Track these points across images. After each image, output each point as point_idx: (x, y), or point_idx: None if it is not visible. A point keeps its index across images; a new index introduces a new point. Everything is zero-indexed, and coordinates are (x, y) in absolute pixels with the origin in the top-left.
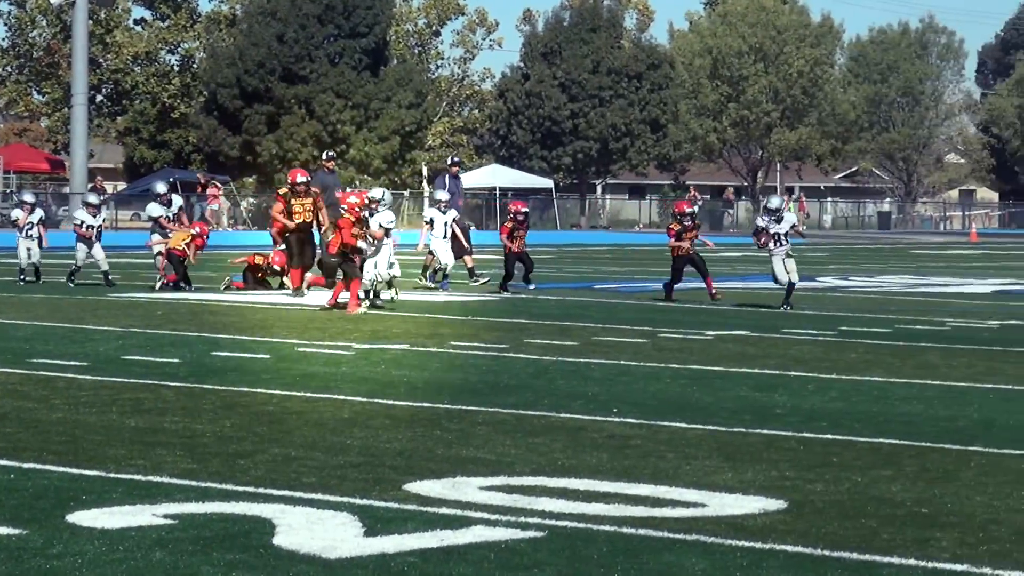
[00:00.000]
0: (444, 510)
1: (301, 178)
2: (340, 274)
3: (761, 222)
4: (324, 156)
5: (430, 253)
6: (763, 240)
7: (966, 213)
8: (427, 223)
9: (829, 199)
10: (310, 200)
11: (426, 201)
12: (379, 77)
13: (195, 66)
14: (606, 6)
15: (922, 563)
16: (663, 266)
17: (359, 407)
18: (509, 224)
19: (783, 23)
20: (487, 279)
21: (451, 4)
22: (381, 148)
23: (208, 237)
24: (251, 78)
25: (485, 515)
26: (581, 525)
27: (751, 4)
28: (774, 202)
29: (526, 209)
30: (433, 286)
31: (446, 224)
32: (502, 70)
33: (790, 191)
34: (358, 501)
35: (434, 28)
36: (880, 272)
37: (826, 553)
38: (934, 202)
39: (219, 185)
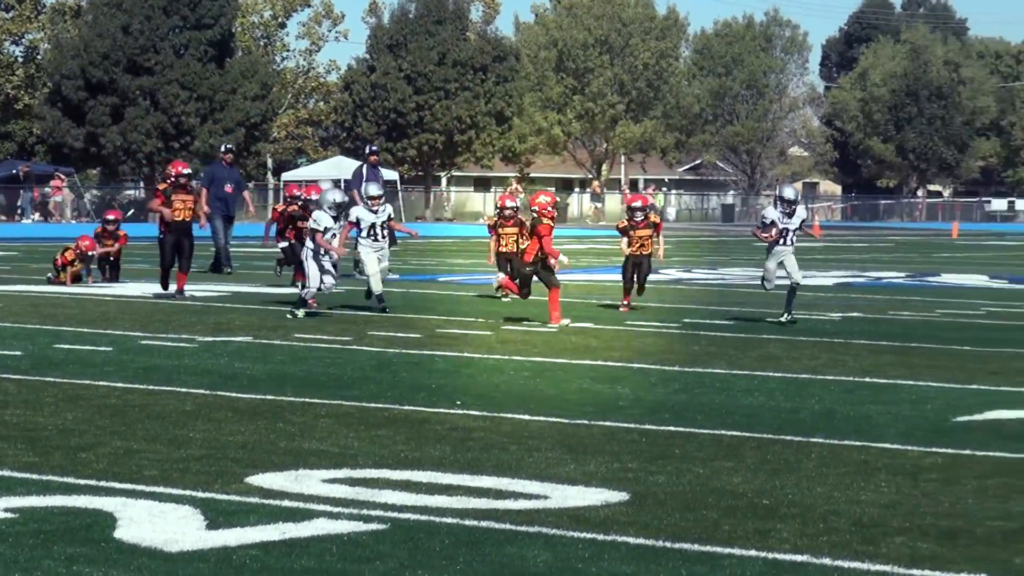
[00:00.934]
0: (286, 503)
1: (184, 170)
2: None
3: (771, 214)
4: (223, 149)
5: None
6: (770, 235)
7: (809, 206)
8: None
9: (673, 191)
10: (191, 196)
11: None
12: (224, 69)
13: (39, 57)
14: None
15: (763, 554)
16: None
17: (201, 400)
18: (495, 220)
19: (628, 16)
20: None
21: None
22: (226, 140)
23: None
24: (96, 69)
25: (328, 508)
26: (424, 517)
27: None
28: (788, 193)
29: (513, 203)
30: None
31: (378, 225)
32: (348, 62)
33: (632, 184)
34: (200, 494)
35: (280, 20)
36: (723, 264)
37: (667, 545)
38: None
39: (63, 177)
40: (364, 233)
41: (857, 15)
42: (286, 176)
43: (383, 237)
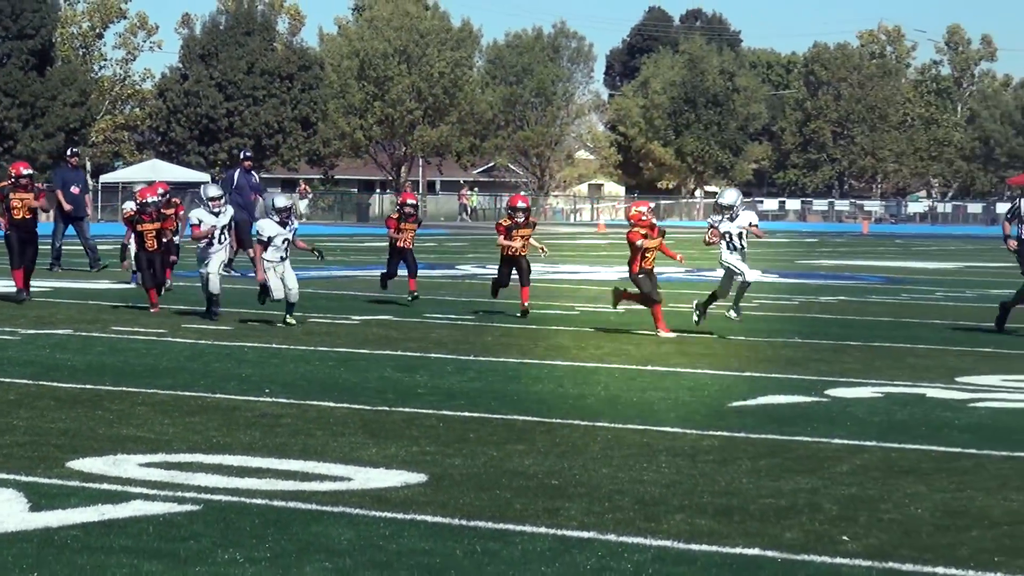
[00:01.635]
0: (105, 486)
1: (25, 171)
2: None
3: (712, 219)
4: (68, 152)
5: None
6: (712, 238)
7: (595, 206)
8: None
9: (474, 191)
10: (31, 195)
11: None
12: (45, 77)
13: None
14: (260, 11)
15: (552, 531)
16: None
17: (24, 389)
18: (396, 216)
19: (425, 27)
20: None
21: (113, 8)
22: (47, 144)
23: None
24: None
25: (144, 490)
26: (235, 499)
27: (396, 10)
28: (724, 199)
29: (414, 201)
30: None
31: (217, 228)
32: (162, 71)
33: (430, 185)
34: (23, 478)
35: (97, 31)
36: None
37: (463, 523)
38: (565, 195)
39: None
40: (216, 239)
41: (638, 27)
42: (104, 178)
43: (223, 240)
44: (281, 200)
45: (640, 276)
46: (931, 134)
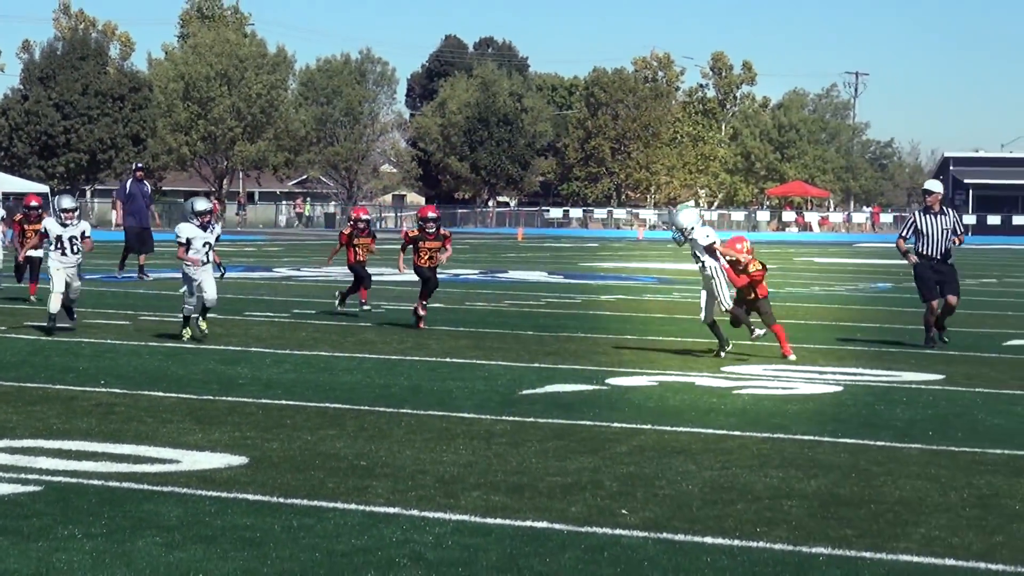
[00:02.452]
0: None
1: None
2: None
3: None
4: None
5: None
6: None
7: (398, 214)
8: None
9: (284, 202)
10: None
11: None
12: None
13: None
14: (94, 38)
15: (361, 507)
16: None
17: None
18: (347, 231)
19: (244, 53)
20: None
21: None
22: None
23: None
24: None
25: None
26: (73, 480)
27: (217, 37)
28: (679, 220)
29: (367, 216)
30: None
31: (65, 239)
32: (4, 92)
33: (250, 196)
34: None
35: None
36: (327, 264)
37: (281, 500)
38: (372, 205)
39: None
40: (52, 246)
41: (436, 53)
42: None
43: (73, 252)
44: (201, 204)
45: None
46: (698, 150)
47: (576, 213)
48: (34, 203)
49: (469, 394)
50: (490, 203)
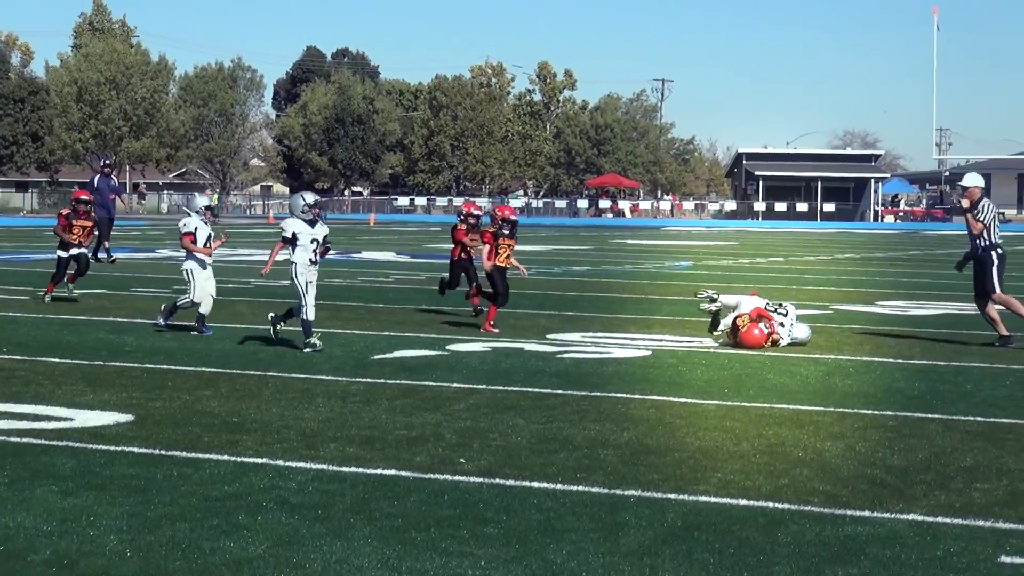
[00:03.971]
0: None
1: None
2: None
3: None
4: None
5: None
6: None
7: (266, 202)
8: None
9: (166, 192)
10: None
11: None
12: None
13: None
14: None
15: (233, 458)
16: (40, 241)
17: None
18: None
19: (130, 61)
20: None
21: None
22: None
23: None
24: None
25: None
26: None
27: (107, 47)
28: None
29: (478, 212)
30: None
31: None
32: None
33: (135, 187)
34: None
35: None
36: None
37: (162, 453)
38: (243, 194)
39: None
40: (201, 245)
41: (299, 62)
42: None
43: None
44: (311, 196)
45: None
46: (527, 147)
47: (421, 201)
48: (84, 197)
49: (327, 359)
50: (346, 192)
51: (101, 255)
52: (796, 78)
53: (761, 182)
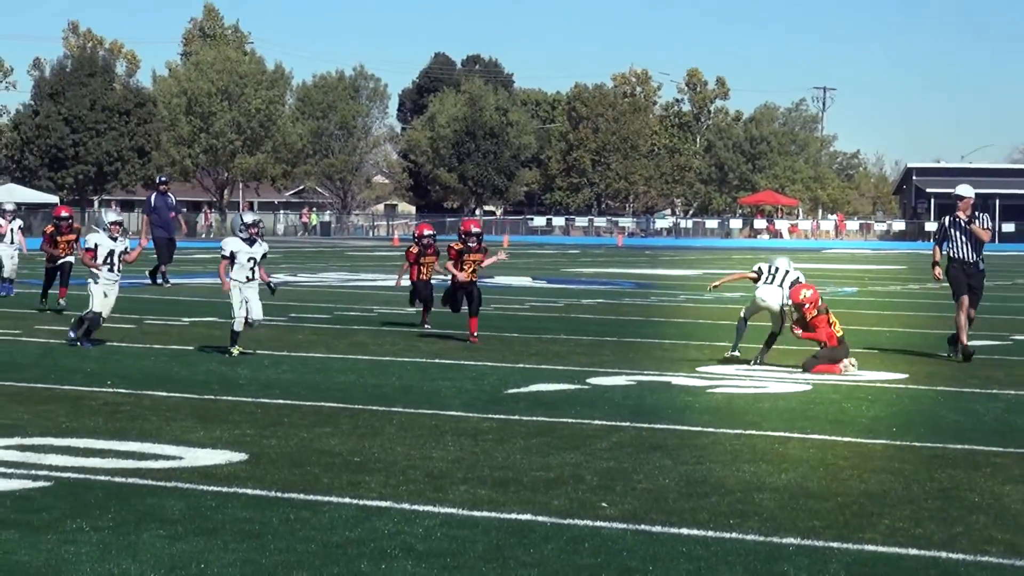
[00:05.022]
0: None
1: None
2: None
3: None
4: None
5: None
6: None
7: (390, 222)
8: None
9: (281, 211)
10: None
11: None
12: None
13: None
14: (101, 56)
15: (354, 501)
16: (147, 265)
17: None
18: (415, 249)
19: (244, 70)
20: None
21: None
22: None
23: None
24: None
25: (2, 469)
26: (81, 476)
27: (218, 55)
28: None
29: (431, 231)
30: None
31: (116, 254)
32: (16, 107)
33: (250, 206)
34: None
35: None
36: (323, 270)
37: (278, 495)
38: (365, 214)
39: None
40: (100, 261)
41: (426, 70)
42: None
43: (119, 270)
44: (249, 216)
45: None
46: (674, 161)
47: (559, 221)
48: (65, 214)
49: (457, 393)
50: (477, 212)
51: (158, 280)
52: (970, 86)
53: (933, 200)
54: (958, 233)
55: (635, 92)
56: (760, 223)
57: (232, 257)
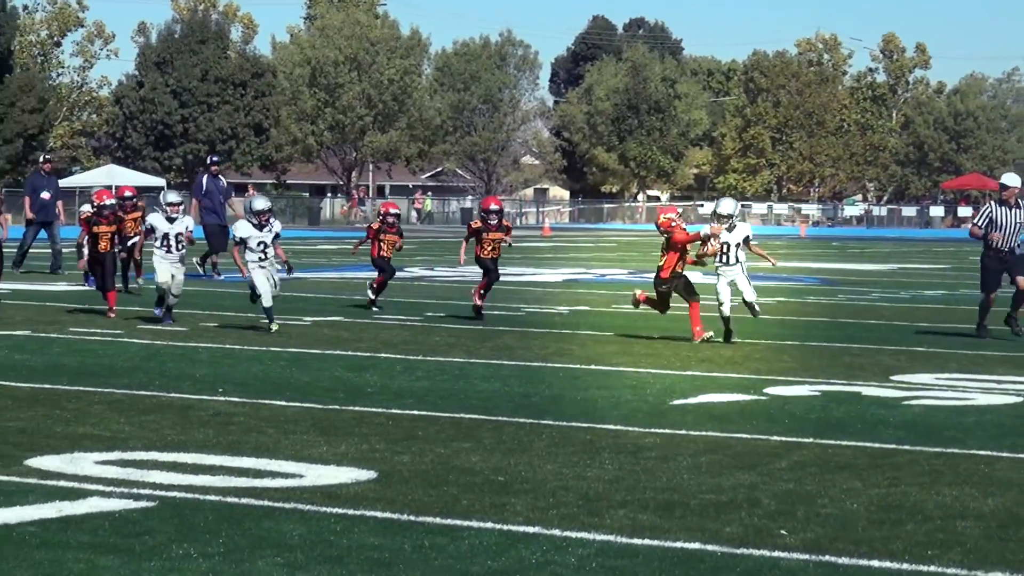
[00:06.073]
0: (62, 483)
1: None
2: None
3: (707, 229)
4: (41, 159)
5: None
6: (705, 251)
7: (540, 209)
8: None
9: (418, 195)
10: None
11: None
12: (4, 84)
13: None
14: (214, 20)
15: (498, 526)
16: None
17: None
18: (376, 225)
19: (375, 36)
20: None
21: (71, 17)
22: (6, 150)
23: None
24: None
25: (100, 487)
26: (189, 495)
27: (347, 19)
28: (725, 206)
29: (396, 210)
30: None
31: (171, 235)
32: (119, 78)
33: (380, 190)
34: None
35: (55, 39)
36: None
37: (411, 518)
38: (512, 199)
39: None
40: (158, 243)
41: (583, 36)
42: (62, 183)
43: (178, 249)
44: (260, 203)
45: (664, 286)
46: (867, 139)
47: None
48: (128, 193)
49: (615, 404)
50: (639, 197)
51: (208, 273)
52: None
53: None
54: (1004, 221)
55: (822, 60)
56: (965, 210)
57: (243, 242)
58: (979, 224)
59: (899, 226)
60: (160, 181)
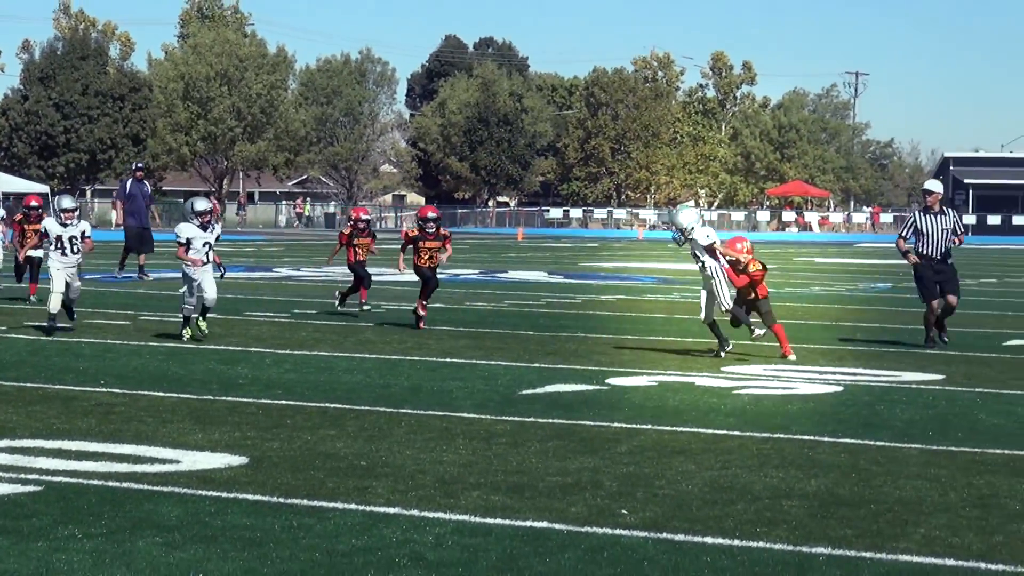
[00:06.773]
0: None
1: None
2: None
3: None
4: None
5: None
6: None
7: (398, 214)
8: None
9: (284, 202)
10: None
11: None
12: None
13: None
14: (94, 38)
15: (361, 507)
16: (153, 260)
17: None
18: (347, 231)
19: (244, 53)
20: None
21: None
22: None
23: None
24: None
25: None
26: (73, 480)
27: (217, 37)
28: (685, 218)
29: (367, 216)
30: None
31: (65, 239)
32: (4, 92)
33: (249, 196)
34: None
35: None
36: (327, 265)
37: (281, 500)
38: (372, 205)
39: None
40: (52, 246)
41: (436, 54)
42: None
43: (74, 252)
44: (201, 204)
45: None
46: (698, 150)
47: (576, 213)
48: (34, 203)
49: (469, 394)
50: (490, 203)
51: (130, 274)
52: (1012, 70)
53: (971, 191)
54: (929, 229)
55: (657, 77)
56: (789, 215)
57: (188, 243)
58: (904, 235)
59: (728, 229)
60: (44, 188)
